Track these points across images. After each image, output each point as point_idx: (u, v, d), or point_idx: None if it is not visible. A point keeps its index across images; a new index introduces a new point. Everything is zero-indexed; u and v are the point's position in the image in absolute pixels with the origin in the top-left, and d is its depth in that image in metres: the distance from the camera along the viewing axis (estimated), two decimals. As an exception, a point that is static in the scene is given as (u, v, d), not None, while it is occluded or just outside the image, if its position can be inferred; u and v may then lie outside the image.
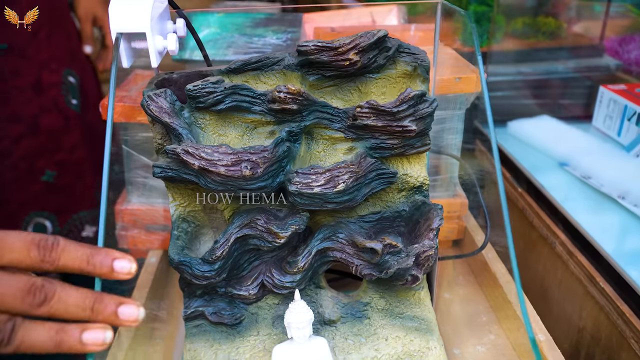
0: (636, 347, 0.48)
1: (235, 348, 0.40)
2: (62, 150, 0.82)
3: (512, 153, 0.77)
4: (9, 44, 0.73)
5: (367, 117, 0.37)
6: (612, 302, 0.51)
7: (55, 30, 0.81)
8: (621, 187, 0.65)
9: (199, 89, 0.36)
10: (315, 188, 0.36)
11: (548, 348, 0.41)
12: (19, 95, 0.75)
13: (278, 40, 0.63)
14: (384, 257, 0.38)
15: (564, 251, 0.60)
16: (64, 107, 0.81)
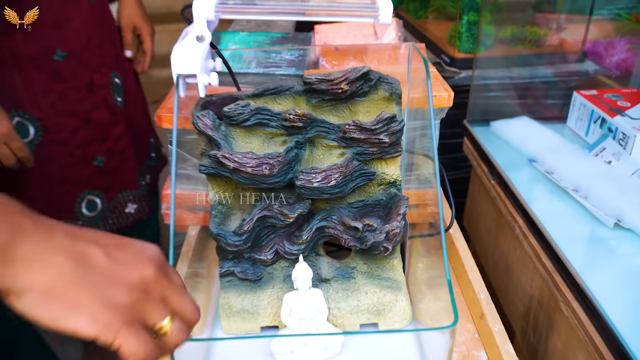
0: (564, 308, 0.62)
1: (256, 297, 0.55)
2: (110, 140, 0.97)
3: (490, 150, 0.90)
4: (68, 51, 0.88)
5: (353, 131, 0.51)
6: (550, 275, 0.65)
7: (104, 39, 0.96)
8: (576, 181, 0.78)
9: (232, 111, 0.50)
10: (314, 183, 0.50)
11: (486, 303, 0.56)
12: (76, 94, 0.90)
13: (291, 56, 0.77)
14: (364, 233, 0.52)
15: (521, 234, 0.73)
16: (111, 104, 0.97)
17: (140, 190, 1.05)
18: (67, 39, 0.87)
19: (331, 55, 0.73)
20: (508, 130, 0.95)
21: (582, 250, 0.66)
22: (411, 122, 0.59)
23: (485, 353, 0.53)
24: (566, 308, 0.61)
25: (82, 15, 0.90)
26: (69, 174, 0.94)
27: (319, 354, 0.51)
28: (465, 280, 0.60)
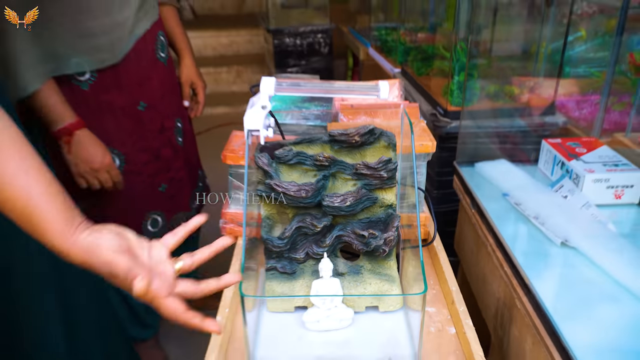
0: (518, 304, 0.83)
1: (292, 285, 0.77)
2: (171, 171, 1.22)
3: (473, 186, 1.12)
4: (148, 103, 1.14)
5: (362, 169, 0.74)
6: (510, 280, 0.86)
7: (171, 93, 1.22)
8: (537, 211, 1.00)
9: (281, 154, 0.74)
10: (335, 204, 0.73)
11: (456, 294, 0.77)
12: (150, 135, 1.16)
13: (317, 110, 1.01)
14: (369, 239, 0.75)
15: (491, 250, 0.95)
16: (174, 143, 1.22)
17: (191, 212, 1.30)
18: (147, 94, 1.14)
19: (347, 111, 0.97)
20: (488, 170, 1.17)
21: (534, 262, 0.88)
22: (403, 163, 0.82)
23: (454, 327, 0.75)
24: (520, 304, 0.83)
25: (158, 76, 1.17)
26: (141, 197, 1.19)
27: (335, 324, 0.73)
28: (443, 280, 0.82)
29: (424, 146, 0.86)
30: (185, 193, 1.28)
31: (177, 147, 1.23)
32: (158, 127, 1.18)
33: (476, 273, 1.09)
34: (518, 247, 0.91)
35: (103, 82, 1.07)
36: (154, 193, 1.21)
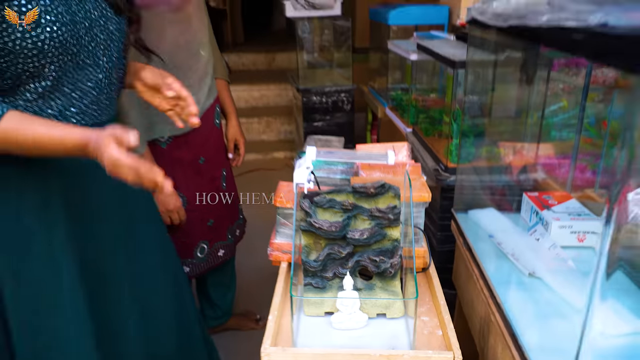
0: (493, 319, 1.10)
1: (322, 295, 1.06)
2: (217, 210, 1.54)
3: (465, 229, 1.41)
4: (206, 158, 1.47)
5: (375, 213, 1.04)
6: (488, 301, 1.13)
7: (221, 149, 1.55)
8: (513, 249, 1.27)
9: (318, 200, 1.04)
10: (356, 237, 1.03)
11: (443, 307, 1.04)
12: (205, 182, 1.49)
13: (343, 167, 1.31)
14: (380, 264, 1.03)
15: (476, 279, 1.22)
16: (220, 188, 1.54)
17: (227, 241, 1.61)
18: (206, 151, 1.47)
19: (366, 168, 1.28)
20: (479, 216, 1.45)
21: (507, 288, 1.15)
22: (406, 209, 1.12)
23: (441, 331, 1.02)
24: (494, 319, 1.09)
25: (214, 137, 1.51)
26: (195, 229, 1.50)
27: (354, 325, 1.01)
28: (435, 297, 1.10)
29: (421, 197, 1.15)
30: (225, 226, 1.60)
31: (222, 191, 1.57)
32: (210, 176, 1.51)
33: (466, 299, 1.36)
34: (496, 276, 1.18)
35: (176, 143, 1.41)
36: (203, 226, 1.53)
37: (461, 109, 1.58)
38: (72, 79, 0.95)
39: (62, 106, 0.95)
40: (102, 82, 1.01)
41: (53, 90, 0.93)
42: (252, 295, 2.25)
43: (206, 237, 1.56)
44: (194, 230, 1.51)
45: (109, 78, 1.03)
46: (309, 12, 3.01)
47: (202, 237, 1.54)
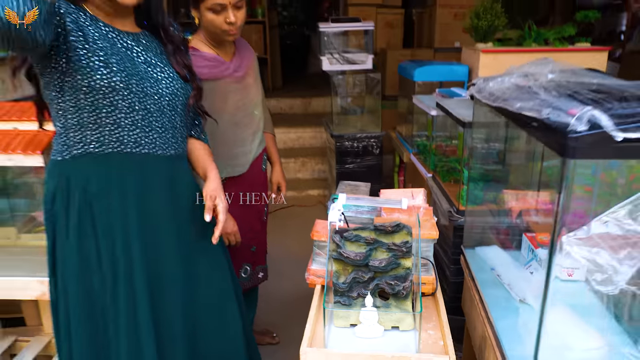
0: (488, 336, 1.35)
1: (348, 311, 1.34)
2: (258, 238, 1.86)
3: (472, 263, 1.67)
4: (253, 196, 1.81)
5: (392, 246, 1.33)
6: (484, 322, 1.39)
7: (265, 189, 1.88)
8: (509, 280, 1.52)
9: (346, 235, 1.34)
10: (376, 264, 1.31)
11: (445, 324, 1.31)
12: (251, 216, 1.81)
13: (368, 209, 1.61)
14: (394, 287, 1.31)
15: (477, 303, 1.48)
16: (262, 220, 1.86)
17: (265, 265, 1.92)
18: (254, 190, 1.81)
19: (387, 210, 1.56)
20: (484, 252, 1.71)
21: (501, 311, 1.40)
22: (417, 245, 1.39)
23: (442, 341, 1.28)
24: (488, 335, 1.35)
25: (260, 180, 1.85)
26: (241, 253, 1.82)
27: (373, 334, 1.28)
28: (440, 317, 1.36)
29: (430, 235, 1.43)
30: (263, 252, 1.92)
31: (263, 223, 1.89)
32: (256, 210, 1.84)
33: (470, 321, 1.61)
34: (492, 301, 1.43)
35: (232, 182, 1.75)
36: (248, 251, 1.85)
37: (469, 160, 1.87)
38: (142, 119, 1.29)
39: (137, 136, 1.29)
40: (166, 125, 1.34)
41: (131, 122, 1.27)
42: (270, 316, 2.54)
43: (249, 260, 1.88)
44: (240, 254, 1.83)
45: (172, 123, 1.36)
46: (344, 67, 3.37)
47: (246, 260, 1.87)
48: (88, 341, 1.34)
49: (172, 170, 1.38)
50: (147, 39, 1.37)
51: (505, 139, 1.67)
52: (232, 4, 1.64)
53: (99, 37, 1.23)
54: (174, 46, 1.41)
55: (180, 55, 1.42)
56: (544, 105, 1.02)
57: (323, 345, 1.25)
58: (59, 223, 1.33)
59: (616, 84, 1.15)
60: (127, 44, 1.30)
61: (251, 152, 1.85)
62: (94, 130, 1.25)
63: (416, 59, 3.97)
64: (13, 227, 1.98)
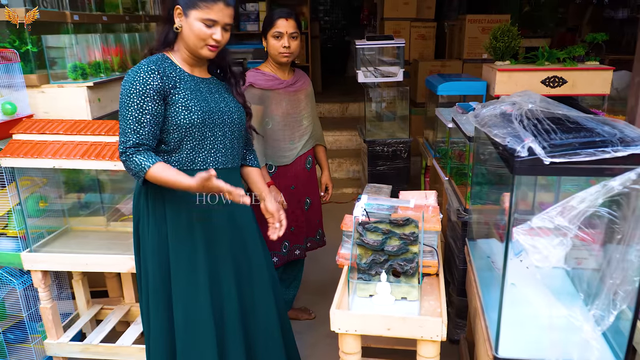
0: (478, 307, 1.72)
1: (368, 285, 1.74)
2: (298, 222, 2.32)
3: (472, 253, 2.03)
4: (295, 186, 2.27)
5: (403, 236, 1.72)
6: (477, 296, 1.76)
7: (307, 184, 2.34)
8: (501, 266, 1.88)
9: (368, 227, 1.74)
10: (389, 249, 1.71)
11: (442, 295, 1.69)
12: (292, 202, 2.25)
13: (387, 207, 2.00)
14: (404, 267, 1.70)
15: (474, 284, 1.85)
16: (303, 209, 2.34)
17: (303, 245, 2.37)
18: (295, 182, 2.29)
19: (402, 207, 1.95)
20: (484, 244, 2.07)
21: (489, 289, 1.76)
22: (425, 235, 1.78)
23: (440, 308, 1.66)
24: (478, 307, 1.72)
25: (303, 175, 2.31)
26: (285, 232, 2.24)
27: (386, 302, 1.68)
28: (439, 292, 1.74)
29: (434, 227, 1.81)
30: (302, 234, 2.43)
31: (303, 211, 2.39)
32: (297, 199, 2.32)
33: (469, 299, 1.98)
34: (484, 282, 1.80)
35: (279, 172, 2.22)
36: (288, 230, 2.30)
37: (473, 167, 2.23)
38: (210, 144, 1.72)
39: (204, 157, 1.72)
40: (227, 146, 1.77)
41: (201, 147, 1.70)
42: (311, 297, 2.97)
43: (288, 238, 2.36)
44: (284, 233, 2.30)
45: (233, 143, 1.79)
46: (377, 79, 3.75)
47: (284, 237, 2.32)
48: (163, 304, 1.78)
49: (226, 179, 1.79)
50: (216, 81, 1.81)
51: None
52: (288, 33, 2.27)
53: (184, 85, 1.68)
54: (235, 80, 1.84)
55: (239, 87, 1.85)
56: (509, 134, 1.39)
57: (347, 309, 1.66)
58: (142, 213, 1.78)
59: (574, 116, 1.51)
60: (204, 86, 1.74)
61: (296, 149, 2.39)
62: (176, 153, 1.70)
63: (443, 73, 4.31)
64: (103, 217, 2.47)
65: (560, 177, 1.61)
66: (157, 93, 1.62)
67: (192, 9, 1.62)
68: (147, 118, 1.61)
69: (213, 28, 1.64)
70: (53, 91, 2.32)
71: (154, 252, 1.76)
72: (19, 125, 2.14)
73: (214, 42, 1.65)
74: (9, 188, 2.13)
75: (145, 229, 1.78)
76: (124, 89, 1.62)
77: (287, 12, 2.30)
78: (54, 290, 2.34)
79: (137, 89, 1.60)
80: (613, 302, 1.40)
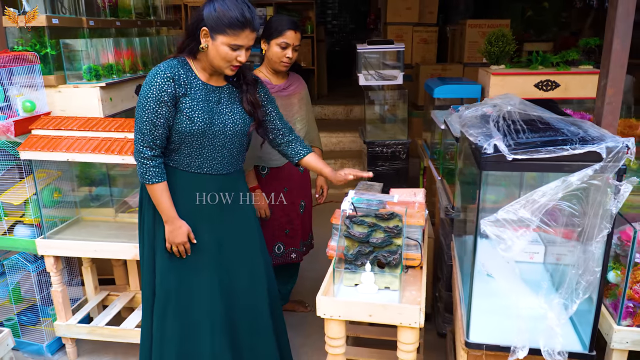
0: (458, 297, 1.84)
1: (354, 274, 1.86)
2: (292, 224, 2.46)
3: (456, 248, 2.15)
4: (288, 188, 2.40)
5: (387, 229, 1.84)
6: (457, 287, 1.88)
7: (301, 187, 2.45)
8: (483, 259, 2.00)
9: (354, 219, 1.87)
10: (374, 241, 1.83)
11: (423, 285, 1.81)
12: (289, 206, 2.39)
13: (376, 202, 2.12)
14: (387, 258, 1.83)
15: (455, 274, 1.97)
16: (298, 211, 2.47)
17: (299, 249, 2.48)
18: (289, 184, 2.44)
19: (390, 203, 2.07)
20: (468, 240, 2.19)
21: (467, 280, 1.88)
22: (409, 229, 1.90)
23: (420, 299, 1.79)
24: (458, 297, 1.83)
25: (296, 176, 2.45)
26: (276, 232, 2.39)
27: (370, 291, 1.80)
28: (421, 283, 1.87)
29: (418, 222, 1.94)
30: (298, 237, 2.51)
31: (298, 214, 2.49)
32: (290, 201, 2.43)
33: (452, 291, 2.09)
34: (464, 276, 1.92)
35: (271, 174, 2.34)
36: (281, 232, 2.42)
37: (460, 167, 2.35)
38: (207, 152, 1.85)
39: (200, 162, 1.86)
40: (225, 155, 1.90)
41: (198, 154, 1.84)
42: (306, 290, 3.11)
43: (282, 240, 2.47)
44: (274, 233, 2.42)
45: (232, 151, 1.92)
46: (378, 82, 3.88)
47: (279, 239, 2.44)
48: (153, 286, 1.94)
49: (222, 185, 1.94)
50: (230, 89, 1.94)
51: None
52: (294, 45, 2.36)
53: (194, 95, 1.81)
54: (247, 86, 1.96)
55: (250, 93, 1.96)
56: (483, 133, 1.52)
57: (333, 296, 1.79)
58: (145, 206, 1.92)
59: (547, 117, 1.62)
60: (214, 96, 1.87)
61: None
62: (174, 154, 1.85)
63: (444, 76, 4.43)
64: (112, 208, 2.63)
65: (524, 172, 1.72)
66: (171, 98, 1.77)
67: (220, 34, 1.73)
68: (161, 122, 1.77)
69: (238, 51, 1.76)
70: (69, 91, 2.48)
71: (149, 235, 1.91)
72: (38, 121, 2.29)
73: (237, 63, 1.79)
74: (27, 179, 2.29)
75: (144, 216, 1.93)
76: (142, 92, 1.77)
77: (296, 24, 2.40)
78: (65, 276, 2.50)
79: (154, 94, 1.75)
80: (576, 291, 1.51)
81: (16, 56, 2.30)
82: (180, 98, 1.78)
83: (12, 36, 2.35)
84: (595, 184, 1.29)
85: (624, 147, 1.22)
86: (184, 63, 1.83)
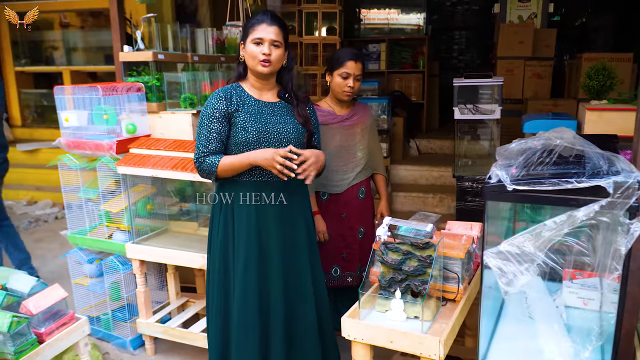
0: (491, 335, 1.75)
1: (386, 300, 1.86)
2: (350, 249, 2.48)
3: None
4: (347, 214, 2.45)
5: (421, 258, 1.83)
6: (493, 325, 1.78)
7: (361, 214, 2.52)
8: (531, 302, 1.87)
9: (390, 246, 1.88)
10: (407, 269, 1.83)
11: (455, 319, 1.75)
12: (344, 229, 2.45)
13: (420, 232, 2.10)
14: (418, 287, 1.81)
15: (495, 314, 1.87)
16: (355, 237, 2.51)
17: (355, 273, 2.51)
18: (347, 210, 2.48)
19: (437, 234, 2.04)
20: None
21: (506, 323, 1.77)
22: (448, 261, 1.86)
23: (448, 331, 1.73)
24: (491, 336, 1.74)
25: (354, 203, 2.49)
26: (333, 256, 2.45)
27: (399, 318, 1.79)
28: (454, 317, 1.80)
29: (458, 255, 1.88)
30: (355, 262, 2.54)
31: (356, 239, 2.52)
32: (348, 226, 2.48)
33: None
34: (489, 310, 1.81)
35: (331, 199, 2.43)
36: (338, 256, 2.47)
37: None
38: None
39: (261, 170, 2.00)
40: None
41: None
42: None
43: (338, 263, 2.52)
44: (330, 256, 2.48)
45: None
46: (473, 116, 3.79)
47: (335, 262, 2.50)
48: (220, 296, 2.10)
49: (281, 190, 2.07)
50: (282, 104, 2.11)
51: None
52: (355, 75, 2.47)
53: (246, 109, 2.02)
54: (298, 101, 2.12)
55: (301, 108, 2.12)
56: (504, 165, 1.47)
57: (359, 319, 1.81)
58: (215, 218, 2.12)
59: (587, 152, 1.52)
60: (267, 109, 2.06)
61: (348, 179, 2.56)
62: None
63: (555, 112, 4.18)
64: (196, 222, 2.92)
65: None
66: (222, 115, 1.99)
67: (247, 37, 2.00)
68: (213, 135, 1.99)
69: (261, 46, 1.97)
70: (167, 117, 2.85)
71: (220, 251, 2.09)
72: (136, 142, 2.67)
73: (263, 57, 1.97)
74: (124, 194, 2.66)
75: (215, 232, 2.13)
76: (201, 112, 2.04)
77: (357, 55, 2.51)
78: (152, 280, 2.81)
79: (207, 112, 2.01)
80: (588, 337, 1.38)
81: (129, 86, 2.72)
82: (233, 114, 2.01)
83: (126, 68, 2.80)
84: (604, 221, 1.19)
85: (635, 182, 1.12)
86: (237, 86, 2.08)
